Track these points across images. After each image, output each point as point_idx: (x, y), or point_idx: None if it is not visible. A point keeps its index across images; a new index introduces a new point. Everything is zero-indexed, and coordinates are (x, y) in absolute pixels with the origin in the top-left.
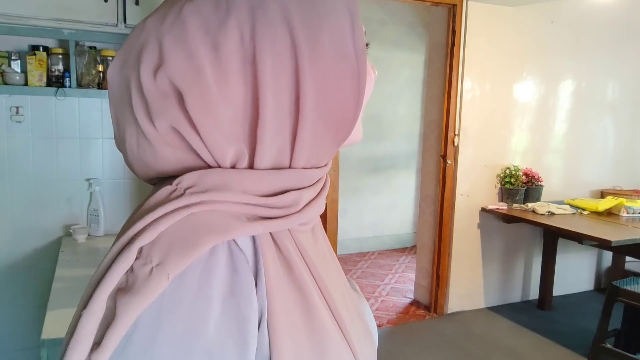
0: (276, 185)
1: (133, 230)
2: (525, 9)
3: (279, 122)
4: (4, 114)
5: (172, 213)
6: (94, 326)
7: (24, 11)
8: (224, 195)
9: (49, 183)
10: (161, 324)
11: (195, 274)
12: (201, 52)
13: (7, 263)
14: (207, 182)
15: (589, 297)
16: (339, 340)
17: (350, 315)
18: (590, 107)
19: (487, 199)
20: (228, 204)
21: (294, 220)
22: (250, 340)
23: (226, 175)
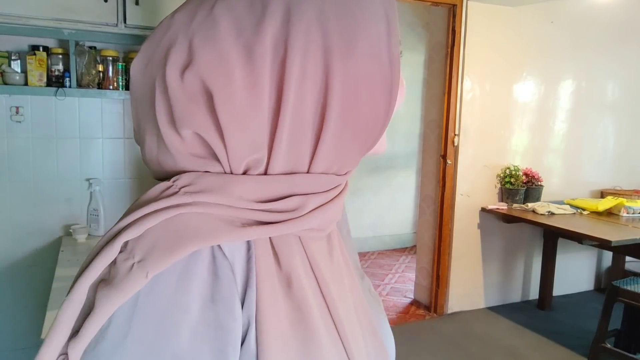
0: (282, 191)
1: (121, 223)
2: (525, 9)
3: (300, 129)
4: (4, 114)
5: (162, 211)
6: (74, 314)
7: (24, 11)
8: (218, 198)
9: (49, 183)
10: (133, 323)
11: (173, 277)
12: (233, 54)
13: (8, 263)
14: (204, 183)
15: (589, 297)
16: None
17: (363, 334)
18: (590, 107)
19: (487, 199)
20: (221, 207)
21: (297, 225)
22: (229, 351)
23: (225, 178)
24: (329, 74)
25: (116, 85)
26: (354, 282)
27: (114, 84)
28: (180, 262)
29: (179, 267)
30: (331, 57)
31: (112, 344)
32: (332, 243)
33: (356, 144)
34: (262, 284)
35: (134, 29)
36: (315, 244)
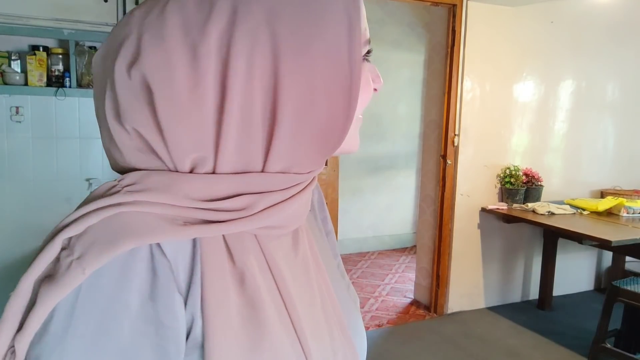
0: (231, 189)
1: (65, 220)
2: (525, 9)
3: (250, 128)
4: (4, 114)
5: (104, 209)
6: (19, 309)
7: (24, 11)
8: (161, 197)
9: (49, 183)
10: (74, 318)
11: (113, 274)
12: (177, 52)
13: (7, 263)
14: (148, 182)
15: (589, 297)
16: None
17: (330, 331)
18: (590, 107)
19: (487, 199)
20: (164, 207)
21: (246, 224)
22: (171, 348)
23: (171, 177)
24: (278, 73)
25: None
26: (323, 279)
27: None
28: (119, 259)
29: (118, 264)
30: (281, 57)
31: (55, 337)
32: (299, 240)
33: (315, 143)
34: (210, 281)
35: None
36: (275, 241)
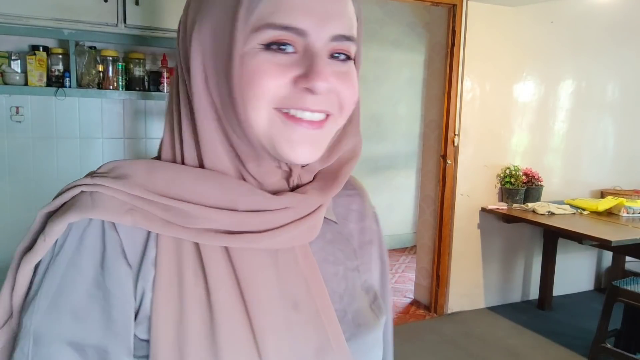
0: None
1: (50, 201)
2: (525, 9)
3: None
4: (4, 114)
5: (72, 189)
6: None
7: (24, 11)
8: (117, 184)
9: (49, 183)
10: (45, 278)
11: (73, 242)
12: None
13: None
14: (116, 170)
15: (589, 297)
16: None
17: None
18: (590, 107)
19: (487, 199)
20: (117, 192)
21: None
22: (116, 316)
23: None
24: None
25: (116, 85)
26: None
27: (114, 84)
28: (79, 230)
29: (77, 235)
30: (185, 37)
31: (31, 294)
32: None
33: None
34: (163, 262)
35: (134, 29)
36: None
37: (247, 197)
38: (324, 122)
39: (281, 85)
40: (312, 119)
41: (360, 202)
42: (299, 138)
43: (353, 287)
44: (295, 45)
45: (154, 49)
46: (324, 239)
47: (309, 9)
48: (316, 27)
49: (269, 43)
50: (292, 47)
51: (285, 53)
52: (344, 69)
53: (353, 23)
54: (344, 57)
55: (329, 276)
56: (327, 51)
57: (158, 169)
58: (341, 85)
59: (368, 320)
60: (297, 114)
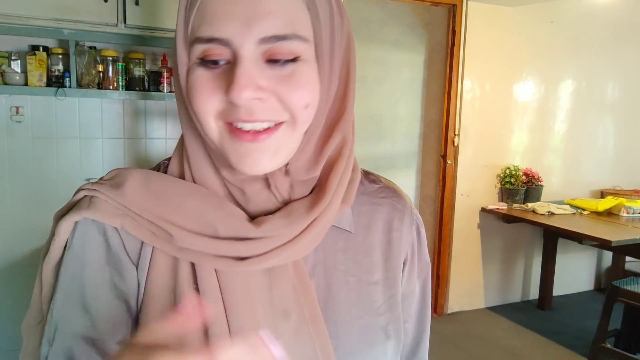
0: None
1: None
2: (525, 9)
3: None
4: (4, 114)
5: (78, 192)
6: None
7: (24, 11)
8: (111, 192)
9: (49, 183)
10: (59, 277)
11: (79, 240)
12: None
13: (7, 263)
14: (114, 179)
15: (589, 297)
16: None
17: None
18: (590, 107)
19: (487, 199)
20: (110, 199)
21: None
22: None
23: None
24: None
25: (116, 85)
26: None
27: (113, 84)
28: (83, 229)
29: (82, 233)
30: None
31: (54, 290)
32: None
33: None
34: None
35: (134, 29)
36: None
37: (227, 223)
38: (272, 131)
39: (216, 100)
40: (255, 128)
41: (389, 212)
42: (244, 150)
43: (368, 300)
44: (224, 56)
45: (154, 49)
46: (335, 247)
47: (229, 16)
48: (239, 34)
49: (202, 57)
50: (223, 59)
51: (218, 66)
52: (286, 72)
53: (293, 18)
54: (284, 60)
55: (338, 285)
56: (259, 56)
57: (152, 182)
58: (282, 88)
59: (375, 339)
60: (238, 125)
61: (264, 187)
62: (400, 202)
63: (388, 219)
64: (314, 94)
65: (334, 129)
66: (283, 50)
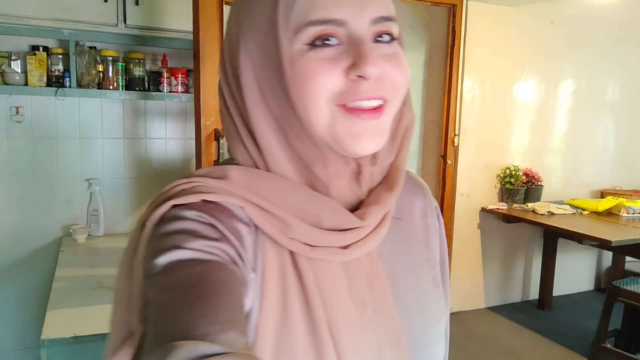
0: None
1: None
2: (526, 9)
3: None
4: (4, 114)
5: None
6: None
7: (24, 11)
8: (219, 182)
9: (49, 183)
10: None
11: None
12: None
13: (8, 263)
14: (214, 174)
15: (589, 297)
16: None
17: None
18: (590, 107)
19: (487, 199)
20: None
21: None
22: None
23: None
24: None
25: (116, 85)
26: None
27: (113, 84)
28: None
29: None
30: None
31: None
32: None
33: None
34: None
35: (134, 29)
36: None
37: (332, 215)
38: (382, 109)
39: (334, 79)
40: (370, 106)
41: (422, 199)
42: (360, 130)
43: (423, 283)
44: (338, 36)
45: (154, 49)
46: (393, 238)
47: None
48: (355, 14)
49: (312, 41)
50: (336, 39)
51: (330, 46)
52: (390, 51)
53: (389, 3)
54: (387, 38)
55: (398, 272)
56: (370, 36)
57: (255, 174)
58: (391, 67)
59: (435, 315)
60: (355, 105)
61: (350, 180)
62: (426, 192)
63: (422, 206)
64: (409, 72)
65: (403, 109)
66: (388, 29)
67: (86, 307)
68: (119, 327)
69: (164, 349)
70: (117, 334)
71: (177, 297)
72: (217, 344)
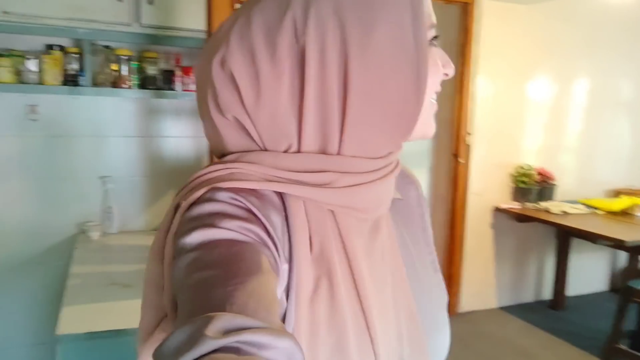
0: (314, 166)
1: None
2: (539, 6)
3: (325, 113)
4: (19, 113)
5: (204, 174)
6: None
7: (40, 11)
8: (253, 166)
9: (64, 181)
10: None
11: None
12: (260, 50)
13: (23, 259)
14: (245, 157)
15: (603, 297)
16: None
17: (397, 316)
18: (605, 105)
19: (499, 198)
20: (255, 170)
21: (326, 195)
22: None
23: (261, 155)
24: (347, 60)
25: (130, 84)
26: (399, 271)
27: (127, 83)
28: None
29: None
30: (348, 42)
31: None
32: (378, 229)
33: (387, 126)
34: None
35: (148, 29)
36: (353, 222)
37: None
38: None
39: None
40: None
41: (416, 190)
42: (433, 115)
43: (425, 265)
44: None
45: (167, 48)
46: (397, 220)
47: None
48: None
49: (431, 40)
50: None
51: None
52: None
53: None
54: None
55: (407, 253)
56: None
57: (281, 155)
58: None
59: (440, 299)
60: (434, 98)
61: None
62: (418, 184)
63: (416, 195)
64: None
65: None
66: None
67: (100, 304)
68: (151, 311)
69: (201, 320)
70: (149, 318)
71: (214, 274)
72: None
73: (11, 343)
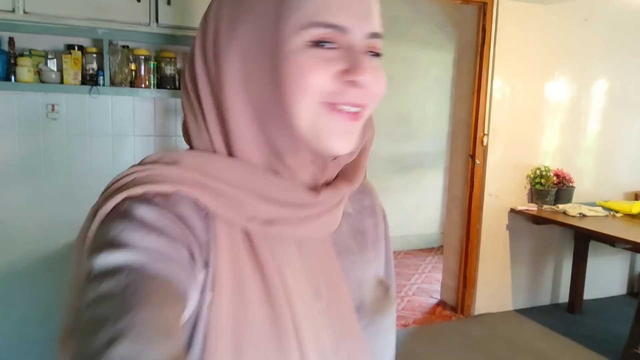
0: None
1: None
2: (558, 6)
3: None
4: (40, 112)
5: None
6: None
7: (61, 11)
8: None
9: (83, 179)
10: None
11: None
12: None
13: (42, 256)
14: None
15: (621, 301)
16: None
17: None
18: (625, 106)
19: (516, 200)
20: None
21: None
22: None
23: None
24: (218, 59)
25: (148, 83)
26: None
27: (145, 83)
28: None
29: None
30: (219, 42)
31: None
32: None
33: (263, 133)
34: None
35: (166, 29)
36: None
37: (288, 191)
38: (359, 114)
39: (326, 79)
40: (352, 111)
41: (371, 199)
42: (341, 129)
43: (368, 276)
44: (337, 41)
45: (185, 47)
46: (341, 231)
47: (350, 8)
48: (357, 25)
49: (314, 40)
50: (335, 43)
51: (328, 49)
52: (376, 64)
53: (380, 21)
54: (374, 53)
55: (348, 266)
56: (364, 47)
57: (207, 157)
58: (375, 79)
59: (383, 308)
60: (342, 107)
61: (313, 172)
62: (373, 193)
63: (371, 205)
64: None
65: (370, 119)
66: (378, 46)
67: None
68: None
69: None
70: (70, 320)
71: (109, 308)
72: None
73: (26, 339)
